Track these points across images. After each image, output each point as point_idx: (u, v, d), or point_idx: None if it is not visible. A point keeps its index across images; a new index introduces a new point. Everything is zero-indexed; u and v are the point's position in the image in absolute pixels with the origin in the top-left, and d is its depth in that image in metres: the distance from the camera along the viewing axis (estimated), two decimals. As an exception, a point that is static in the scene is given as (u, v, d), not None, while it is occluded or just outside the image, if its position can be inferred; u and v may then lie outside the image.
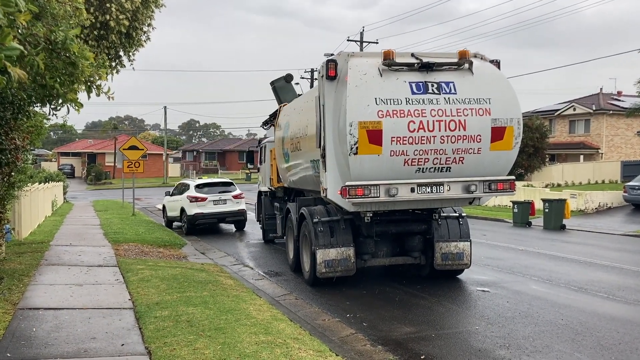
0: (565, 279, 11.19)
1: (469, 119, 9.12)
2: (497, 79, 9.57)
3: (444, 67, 9.33)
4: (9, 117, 5.00)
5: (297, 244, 11.56)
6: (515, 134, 9.39)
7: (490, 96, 9.29)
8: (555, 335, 7.46)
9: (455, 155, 9.20)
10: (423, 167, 9.18)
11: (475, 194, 9.50)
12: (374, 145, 8.84)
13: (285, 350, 6.24)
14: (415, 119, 8.94)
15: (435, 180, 9.30)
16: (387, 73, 9.11)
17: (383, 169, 9.02)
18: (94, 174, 63.62)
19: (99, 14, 10.85)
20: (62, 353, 6.08)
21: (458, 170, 9.34)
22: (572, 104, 47.47)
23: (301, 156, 11.44)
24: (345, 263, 10.09)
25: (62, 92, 2.89)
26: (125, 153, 24.57)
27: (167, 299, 8.48)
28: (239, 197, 19.70)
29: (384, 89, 8.97)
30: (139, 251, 13.92)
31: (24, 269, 10.47)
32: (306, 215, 10.59)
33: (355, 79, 8.95)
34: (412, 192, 9.23)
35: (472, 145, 9.20)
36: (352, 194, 9.00)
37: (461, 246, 10.60)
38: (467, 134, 9.13)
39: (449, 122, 9.04)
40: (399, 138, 8.89)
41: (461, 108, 9.13)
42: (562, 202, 21.23)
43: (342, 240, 10.13)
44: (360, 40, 41.29)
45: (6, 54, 1.90)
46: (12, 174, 6.86)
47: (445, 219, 10.72)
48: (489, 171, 9.51)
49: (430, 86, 9.12)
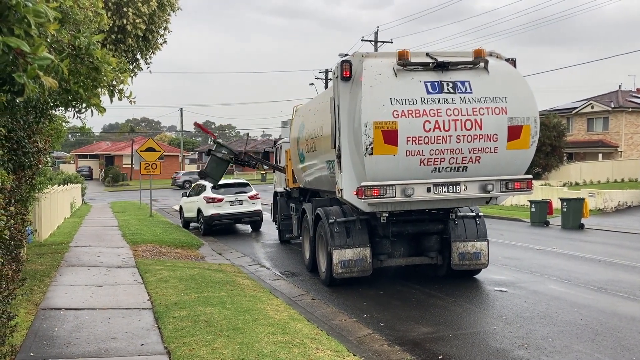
0: (585, 278, 11.08)
1: (485, 118, 9.09)
2: (513, 78, 9.53)
3: (459, 67, 9.31)
4: (32, 120, 5.10)
5: (313, 244, 11.60)
6: (532, 133, 9.33)
7: (506, 95, 9.25)
8: (575, 336, 7.39)
9: (471, 155, 9.17)
10: (439, 166, 9.16)
11: (492, 193, 9.46)
12: (389, 146, 8.84)
13: (302, 350, 6.26)
14: (431, 119, 8.92)
15: (451, 180, 9.26)
16: (402, 73, 9.11)
17: (399, 169, 9.02)
18: (112, 176, 64.24)
19: (116, 18, 10.99)
20: (83, 353, 6.17)
21: (474, 169, 9.31)
22: (591, 102, 46.92)
23: (316, 157, 11.49)
24: (361, 263, 10.09)
25: (86, 96, 2.96)
26: (142, 155, 24.82)
27: (185, 299, 8.56)
28: (255, 198, 19.80)
29: (398, 89, 8.98)
30: (156, 252, 14.05)
31: (45, 269, 10.64)
32: (322, 215, 10.62)
33: (370, 79, 8.96)
34: (428, 192, 9.22)
35: (489, 144, 9.17)
36: (368, 194, 9.00)
37: (478, 246, 10.55)
38: (483, 133, 9.10)
39: (465, 121, 9.02)
40: (415, 138, 8.89)
41: (477, 107, 9.10)
42: (580, 201, 21.00)
43: (358, 240, 10.13)
44: (375, 40, 41.22)
45: (39, 63, 1.97)
46: (34, 177, 6.98)
47: (462, 218, 10.68)
48: (506, 170, 9.46)
49: (445, 85, 9.10)
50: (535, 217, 22.11)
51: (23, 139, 5.54)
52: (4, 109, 3.07)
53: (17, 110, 3.98)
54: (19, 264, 6.18)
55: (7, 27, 1.89)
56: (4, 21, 1.88)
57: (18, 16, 1.89)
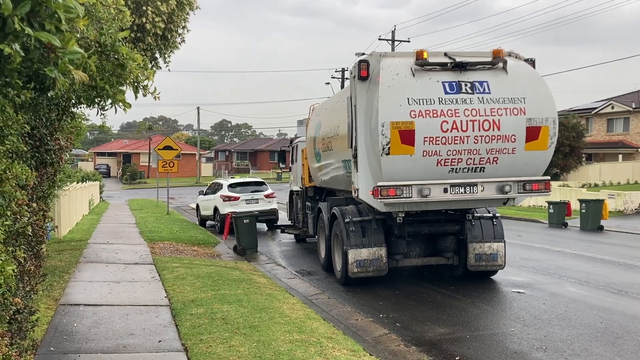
0: (604, 281, 10.93)
1: (503, 119, 9.05)
2: (532, 78, 9.47)
3: (477, 67, 9.27)
4: (54, 118, 5.17)
5: (328, 243, 11.61)
6: (550, 134, 9.28)
7: (525, 95, 9.19)
8: (595, 339, 7.30)
9: (489, 156, 9.14)
10: (456, 167, 9.13)
11: (509, 194, 9.42)
12: (406, 146, 8.82)
13: (319, 349, 6.26)
14: (449, 119, 8.89)
15: (468, 181, 9.23)
16: (420, 73, 9.07)
17: (416, 170, 9.00)
18: (129, 174, 64.84)
19: (135, 16, 11.07)
20: (102, 348, 6.23)
21: (492, 170, 9.27)
22: (611, 102, 46.26)
23: (332, 156, 11.51)
24: (377, 263, 10.08)
25: (112, 92, 3.00)
26: (160, 153, 24.99)
27: (202, 296, 8.60)
28: (271, 197, 19.85)
29: (416, 89, 8.95)
30: (173, 249, 14.15)
31: (64, 266, 10.77)
32: (338, 215, 10.62)
33: (388, 79, 8.95)
34: (445, 193, 9.19)
35: (507, 145, 9.13)
36: (384, 194, 9.00)
37: (495, 247, 10.48)
38: (501, 134, 9.07)
39: (483, 122, 8.99)
40: (432, 138, 8.86)
41: (495, 108, 9.06)
42: (599, 202, 20.72)
43: (373, 240, 10.12)
44: (392, 39, 41.08)
45: (69, 57, 2.00)
46: (56, 174, 7.07)
47: (479, 219, 10.62)
48: (524, 171, 9.42)
49: (463, 86, 9.06)
50: (553, 219, 21.87)
51: (45, 136, 5.62)
52: (28, 106, 3.12)
53: (40, 107, 4.04)
54: (40, 260, 6.27)
55: (38, 23, 1.92)
56: (35, 16, 1.92)
57: (49, 11, 1.93)
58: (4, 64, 2.08)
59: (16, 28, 1.83)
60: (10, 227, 3.87)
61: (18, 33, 1.87)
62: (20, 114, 3.42)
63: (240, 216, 14.92)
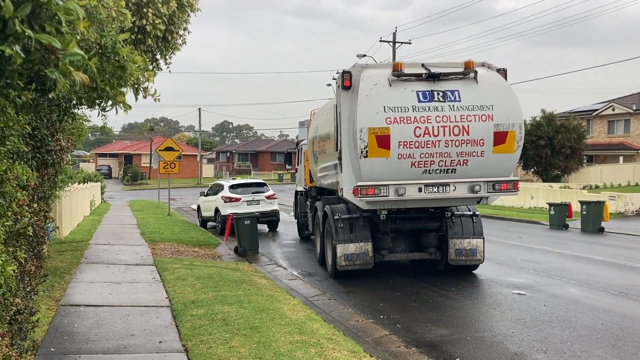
0: (605, 282, 10.93)
1: (472, 125, 9.75)
2: (501, 87, 10.13)
3: (450, 77, 9.96)
4: (55, 119, 5.19)
5: (322, 239, 12.26)
6: (517, 138, 9.96)
7: (493, 103, 9.87)
8: (595, 341, 7.30)
9: (459, 158, 9.85)
10: (429, 169, 9.86)
11: (480, 193, 10.13)
12: (382, 149, 9.61)
13: (319, 350, 6.27)
14: (421, 125, 9.63)
15: (441, 181, 9.96)
16: (396, 83, 9.83)
17: (392, 171, 9.74)
18: (131, 175, 64.89)
19: (136, 18, 11.07)
20: (102, 349, 6.24)
21: (463, 171, 9.97)
22: (611, 104, 46.25)
23: (326, 158, 12.15)
24: (363, 257, 10.77)
25: (112, 94, 3.01)
26: (161, 154, 25.02)
27: (202, 297, 8.61)
28: (272, 198, 19.85)
29: (392, 98, 9.70)
30: (174, 250, 14.17)
31: (65, 266, 10.79)
32: (328, 212, 11.35)
33: (366, 89, 9.73)
34: (419, 192, 9.93)
35: (476, 148, 9.83)
36: (364, 193, 9.79)
37: (474, 243, 11.12)
38: (470, 139, 9.76)
39: (453, 127, 9.69)
40: (406, 142, 9.62)
41: (465, 114, 9.76)
42: (600, 204, 20.70)
43: (360, 236, 10.83)
44: (393, 40, 41.07)
45: (70, 59, 2.02)
46: (57, 174, 7.09)
47: (460, 217, 11.28)
48: (493, 172, 10.10)
49: (436, 94, 9.79)
50: (554, 220, 21.85)
51: (46, 137, 5.64)
52: (29, 107, 3.14)
53: (41, 108, 4.05)
54: (40, 261, 6.28)
55: (39, 25, 1.94)
56: (35, 18, 1.93)
57: (49, 14, 1.94)
58: (5, 66, 2.09)
59: (17, 30, 1.85)
60: (11, 227, 3.88)
61: (19, 35, 1.89)
62: (21, 114, 3.43)
63: (241, 217, 14.93)
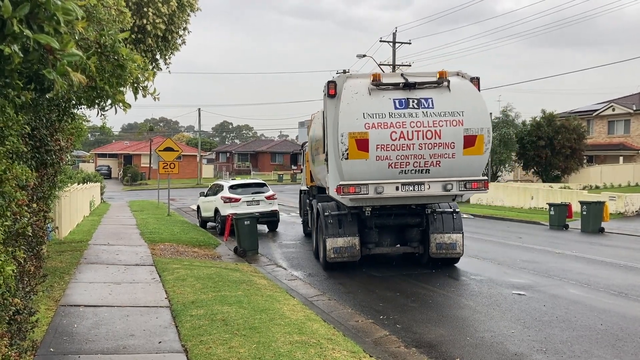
0: (605, 283, 10.92)
1: (443, 129, 10.58)
2: (471, 94, 10.94)
3: (425, 86, 10.79)
4: (54, 119, 5.18)
5: (317, 234, 13.23)
6: (485, 141, 10.76)
7: (463, 109, 10.68)
8: (595, 341, 7.29)
9: (432, 160, 10.68)
10: (405, 169, 10.70)
11: (452, 191, 10.94)
12: (361, 152, 10.47)
13: (319, 350, 6.26)
14: (397, 130, 10.49)
15: (416, 180, 10.79)
16: (375, 92, 10.71)
17: (371, 171, 10.60)
18: (130, 175, 64.89)
19: (136, 18, 11.08)
20: (102, 349, 6.23)
21: (436, 171, 10.80)
22: (611, 104, 46.25)
23: (319, 159, 12.94)
24: (351, 250, 11.71)
25: (112, 93, 3.01)
26: (161, 154, 25.01)
27: (202, 298, 8.61)
28: (272, 198, 19.83)
29: (371, 105, 10.58)
30: (174, 251, 14.16)
31: (65, 267, 10.78)
32: (320, 210, 12.31)
33: (348, 97, 10.63)
34: (397, 190, 10.77)
35: (447, 151, 10.64)
36: (346, 191, 10.66)
37: (454, 237, 11.95)
38: (442, 142, 10.60)
39: (426, 132, 10.54)
40: (383, 145, 10.48)
41: (437, 120, 10.59)
42: (600, 204, 20.70)
43: (348, 231, 11.74)
44: (393, 41, 41.06)
45: (68, 59, 2.01)
46: (56, 175, 7.08)
47: (441, 213, 12.11)
48: (464, 172, 10.88)
49: (411, 102, 10.64)
50: (554, 221, 21.86)
51: (46, 137, 5.63)
52: (28, 107, 3.13)
53: (40, 108, 4.05)
54: (40, 261, 6.27)
55: (37, 25, 1.93)
56: (34, 18, 1.92)
57: (48, 14, 1.93)
58: (3, 65, 2.09)
59: (15, 30, 1.84)
60: (10, 227, 3.87)
61: (17, 35, 1.88)
62: (21, 114, 3.43)
63: (241, 218, 14.93)
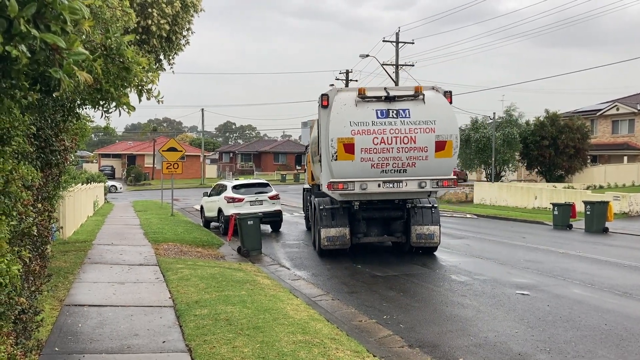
0: (609, 283, 10.90)
1: (418, 136, 12.43)
2: (443, 106, 12.76)
3: (403, 98, 12.61)
4: (59, 119, 5.20)
5: (314, 226, 14.93)
6: (454, 146, 12.61)
7: (435, 119, 12.51)
8: (599, 341, 7.28)
9: (408, 161, 12.51)
10: (385, 169, 12.50)
11: (425, 188, 12.66)
12: (348, 154, 12.33)
13: (322, 350, 6.27)
14: (378, 136, 12.34)
15: (396, 179, 12.59)
16: (361, 103, 12.58)
17: (356, 171, 12.42)
18: (134, 175, 65.00)
19: (140, 18, 11.10)
20: (106, 348, 6.26)
21: (412, 171, 12.59)
22: (616, 104, 46.14)
23: (316, 160, 14.48)
24: (342, 239, 13.49)
25: (116, 95, 3.02)
26: (164, 155, 25.05)
27: (206, 297, 8.62)
28: (275, 198, 19.84)
29: (356, 115, 12.44)
30: (178, 251, 14.19)
31: (69, 267, 10.82)
32: (316, 204, 14.16)
33: (337, 108, 12.52)
34: (379, 187, 12.56)
35: (421, 154, 12.48)
36: (335, 187, 12.45)
37: (432, 229, 13.63)
38: (416, 146, 12.43)
39: (403, 137, 12.39)
40: (366, 149, 12.33)
41: (413, 127, 12.43)
42: (604, 204, 20.65)
43: (340, 222, 13.48)
44: (396, 41, 41.02)
45: (74, 59, 2.03)
46: (61, 175, 7.11)
47: (421, 208, 13.79)
48: (436, 172, 12.62)
49: (390, 112, 12.47)
50: (558, 220, 21.81)
51: (51, 137, 5.66)
52: (34, 107, 3.15)
53: (46, 109, 4.07)
54: (44, 261, 6.30)
55: (44, 24, 1.94)
56: (41, 18, 1.94)
57: (54, 13, 1.95)
58: (10, 66, 2.10)
59: (22, 30, 1.86)
60: (15, 227, 3.90)
61: (24, 34, 1.90)
62: (27, 115, 3.44)
63: (245, 217, 14.95)
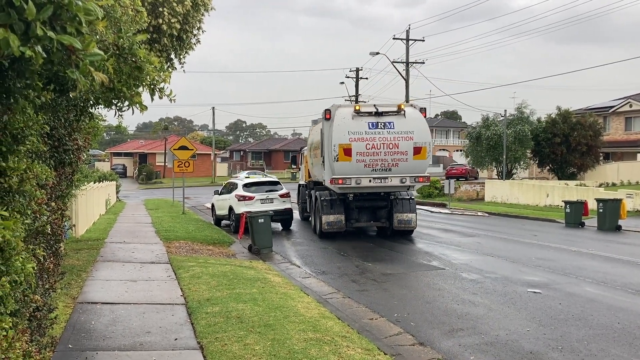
0: (622, 281, 10.82)
1: (400, 142, 16.31)
2: (418, 120, 16.71)
3: (389, 113, 16.49)
4: (72, 118, 5.26)
5: (314, 214, 18.45)
6: (428, 150, 16.57)
7: (413, 129, 16.40)
8: (612, 339, 7.23)
9: (393, 162, 16.35)
10: (375, 168, 16.34)
11: (406, 183, 16.60)
12: (347, 156, 16.13)
13: (333, 347, 6.29)
14: (370, 142, 16.19)
15: (383, 176, 16.38)
16: (356, 117, 16.40)
17: (353, 169, 16.23)
18: (145, 174, 65.37)
19: (151, 17, 11.15)
20: (119, 346, 6.32)
21: (396, 170, 16.42)
22: (629, 100, 45.68)
23: (317, 161, 18.09)
24: (339, 224, 17.10)
25: (129, 95, 3.05)
26: (175, 153, 25.17)
27: (217, 295, 8.67)
28: (286, 196, 19.86)
29: (353, 126, 16.23)
30: (189, 249, 14.26)
31: (82, 265, 10.92)
32: (317, 196, 17.64)
33: (338, 120, 16.29)
34: (370, 182, 16.37)
35: (402, 157, 16.35)
36: (336, 182, 16.24)
37: (410, 216, 17.30)
38: (399, 151, 16.32)
39: (389, 144, 16.24)
40: (361, 152, 16.15)
41: (396, 136, 16.28)
42: (617, 202, 20.48)
43: (337, 210, 17.14)
44: (407, 38, 40.88)
45: (90, 59, 2.06)
46: (74, 174, 7.18)
47: (401, 199, 17.35)
48: (414, 171, 16.53)
49: (379, 124, 16.32)
50: (570, 218, 21.67)
51: (64, 136, 5.72)
52: (47, 107, 3.19)
53: (59, 108, 4.11)
54: (58, 259, 6.36)
55: (60, 26, 1.98)
56: (57, 20, 1.97)
57: (70, 15, 1.98)
58: (25, 67, 2.14)
59: (38, 32, 1.89)
60: (30, 225, 3.95)
61: (40, 37, 1.93)
62: (40, 114, 3.49)
63: (255, 216, 15.00)
